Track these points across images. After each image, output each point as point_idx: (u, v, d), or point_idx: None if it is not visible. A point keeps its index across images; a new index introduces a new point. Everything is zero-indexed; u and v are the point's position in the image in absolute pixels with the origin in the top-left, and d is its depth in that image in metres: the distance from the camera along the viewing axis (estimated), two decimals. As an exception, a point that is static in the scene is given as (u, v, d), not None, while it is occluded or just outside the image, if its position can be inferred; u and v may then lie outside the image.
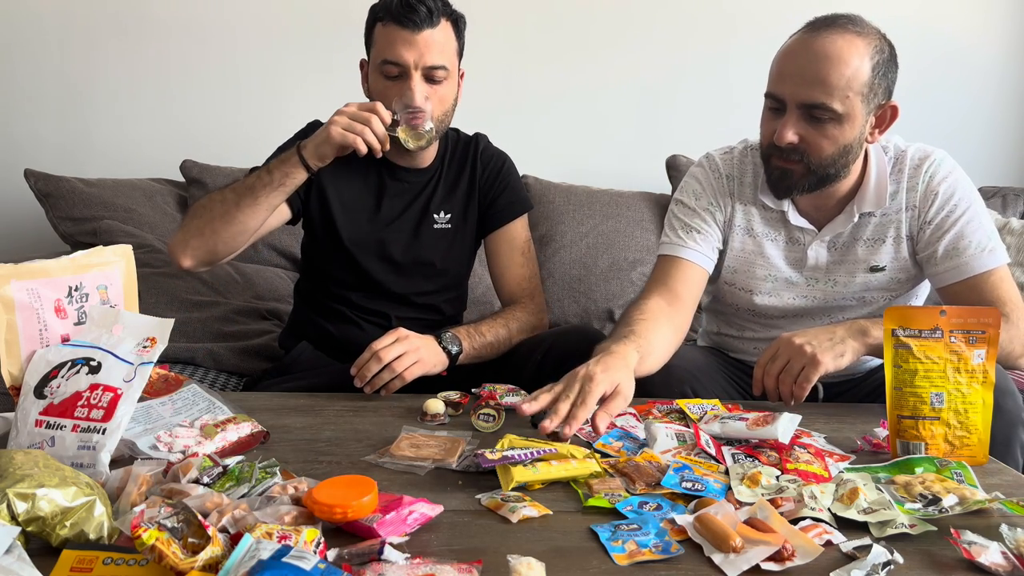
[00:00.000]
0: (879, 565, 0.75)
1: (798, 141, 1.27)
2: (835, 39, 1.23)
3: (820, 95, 1.23)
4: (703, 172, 1.47)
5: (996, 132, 2.75)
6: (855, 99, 1.25)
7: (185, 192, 2.33)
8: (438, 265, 1.59)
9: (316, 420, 1.17)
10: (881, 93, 1.30)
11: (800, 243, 1.42)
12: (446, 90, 1.46)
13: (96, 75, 2.44)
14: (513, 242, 1.61)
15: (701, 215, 1.43)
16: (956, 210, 1.33)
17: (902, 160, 1.38)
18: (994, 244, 1.32)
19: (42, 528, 0.73)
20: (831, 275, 1.41)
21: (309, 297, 1.64)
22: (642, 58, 2.58)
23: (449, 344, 1.39)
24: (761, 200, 1.41)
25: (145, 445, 0.97)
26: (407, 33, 1.39)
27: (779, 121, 1.28)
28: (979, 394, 1.04)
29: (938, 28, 2.65)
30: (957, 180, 1.35)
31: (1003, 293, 1.29)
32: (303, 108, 2.50)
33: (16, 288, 0.98)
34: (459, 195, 1.59)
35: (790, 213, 1.40)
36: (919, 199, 1.35)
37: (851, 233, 1.39)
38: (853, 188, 1.37)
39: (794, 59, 1.26)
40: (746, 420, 1.08)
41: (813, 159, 1.28)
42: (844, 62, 1.22)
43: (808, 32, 1.27)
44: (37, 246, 2.28)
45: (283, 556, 0.65)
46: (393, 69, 1.41)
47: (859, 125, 1.27)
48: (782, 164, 1.31)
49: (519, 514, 0.84)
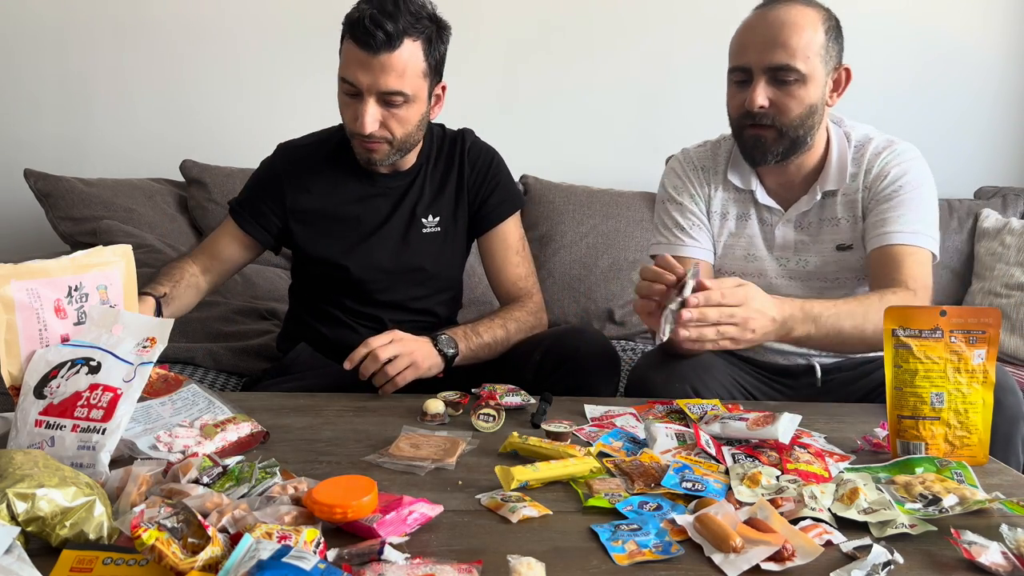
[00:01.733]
0: (879, 565, 0.75)
1: (768, 105, 1.35)
2: (789, 9, 1.35)
3: (785, 57, 1.32)
4: (678, 164, 1.56)
5: (996, 132, 2.75)
6: (815, 60, 1.34)
7: (185, 192, 2.33)
8: (429, 270, 1.57)
9: (316, 420, 1.17)
10: (835, 55, 1.39)
11: (768, 223, 1.49)
12: (407, 112, 1.39)
13: (96, 75, 2.44)
14: (506, 241, 1.59)
15: (688, 207, 1.50)
16: (900, 190, 1.39)
17: (865, 146, 1.45)
18: (922, 230, 1.37)
19: (42, 528, 0.73)
20: (800, 254, 1.47)
21: (302, 301, 1.64)
22: (642, 58, 2.58)
23: (445, 347, 1.37)
24: (731, 182, 1.49)
25: (145, 445, 0.97)
26: (364, 55, 1.33)
27: (746, 92, 1.36)
28: (979, 394, 1.04)
29: (938, 28, 2.66)
30: (912, 168, 1.41)
31: (915, 270, 1.34)
32: (303, 108, 2.51)
33: (16, 288, 0.98)
34: (447, 196, 1.57)
35: (758, 192, 1.47)
36: (872, 179, 1.42)
37: (816, 213, 1.46)
38: (817, 167, 1.45)
39: (755, 30, 1.36)
40: (746, 420, 1.08)
41: (783, 121, 1.36)
42: (801, 27, 1.33)
43: (763, 8, 1.39)
44: (37, 246, 2.28)
45: (283, 556, 0.65)
46: (349, 88, 1.37)
47: (820, 86, 1.36)
48: (755, 132, 1.38)
49: (519, 514, 0.84)
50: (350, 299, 1.56)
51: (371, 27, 1.31)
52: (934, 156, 2.68)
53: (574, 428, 1.12)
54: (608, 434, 1.10)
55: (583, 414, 1.22)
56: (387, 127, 1.40)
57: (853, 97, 2.58)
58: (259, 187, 1.56)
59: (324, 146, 1.55)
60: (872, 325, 1.24)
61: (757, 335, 1.15)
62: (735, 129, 1.43)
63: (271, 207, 1.53)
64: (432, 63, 1.40)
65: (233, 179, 2.28)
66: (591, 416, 1.21)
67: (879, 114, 2.63)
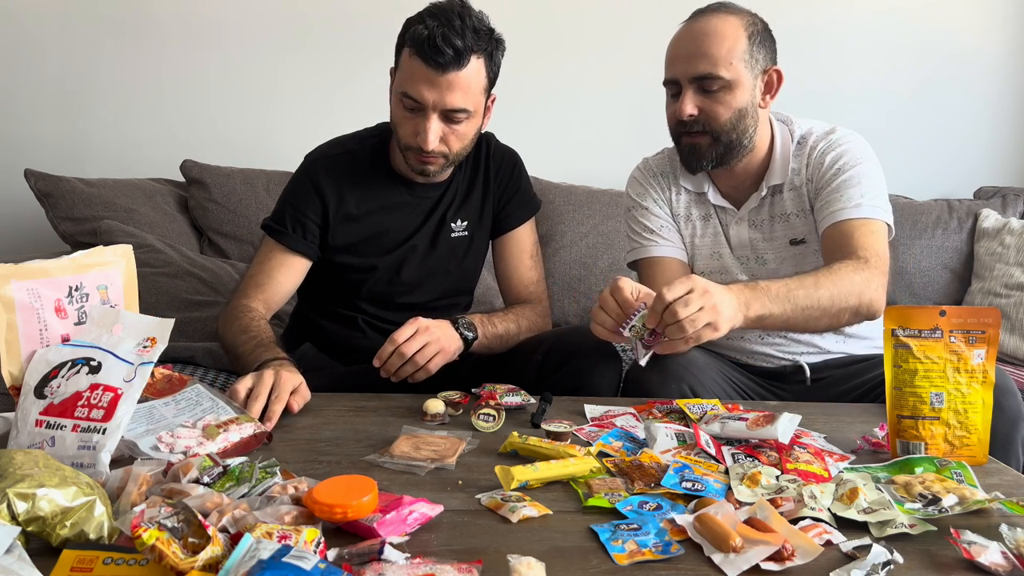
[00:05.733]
0: (879, 565, 0.75)
1: (697, 113, 1.40)
2: (710, 19, 1.40)
3: (707, 66, 1.37)
4: (639, 173, 1.61)
5: (996, 132, 2.75)
6: (739, 65, 1.38)
7: (185, 192, 2.33)
8: (453, 273, 1.58)
9: (316, 420, 1.17)
10: (762, 59, 1.41)
11: (725, 223, 1.53)
12: (466, 128, 1.40)
13: (96, 75, 2.44)
14: (521, 245, 1.60)
15: (653, 211, 1.55)
16: (840, 171, 1.42)
17: (807, 139, 1.47)
18: (866, 202, 1.38)
19: (42, 528, 0.73)
20: (758, 252, 1.50)
21: (313, 301, 1.63)
22: (643, 57, 2.57)
23: (465, 330, 1.38)
24: (683, 185, 1.54)
25: (146, 446, 0.97)
26: (431, 72, 1.32)
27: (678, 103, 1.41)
28: (979, 394, 1.04)
29: (938, 28, 2.66)
30: (847, 149, 1.43)
31: (864, 240, 1.35)
32: (302, 108, 2.52)
33: (16, 288, 0.98)
34: (474, 199, 1.57)
35: (710, 193, 1.52)
36: (813, 169, 1.45)
37: (767, 210, 1.49)
38: (763, 166, 1.49)
39: (679, 44, 1.43)
40: (746, 420, 1.08)
41: (714, 126, 1.40)
42: (723, 35, 1.38)
43: (688, 21, 1.44)
44: (37, 246, 2.28)
45: (283, 556, 0.65)
46: (411, 103, 1.36)
47: (748, 90, 1.40)
48: (690, 140, 1.44)
49: (519, 514, 0.84)
50: (367, 302, 1.56)
51: (442, 45, 1.29)
52: (934, 156, 2.73)
53: (574, 428, 1.12)
54: (608, 434, 1.10)
55: (583, 414, 1.22)
56: (446, 142, 1.39)
57: (854, 98, 2.60)
58: (299, 200, 1.49)
59: (359, 154, 1.52)
60: (826, 292, 1.25)
61: (728, 312, 1.14)
62: (674, 138, 1.49)
63: (312, 218, 1.48)
64: (491, 77, 1.42)
65: (233, 179, 2.28)
66: (591, 416, 1.21)
67: (880, 115, 2.64)
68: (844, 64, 2.56)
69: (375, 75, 2.49)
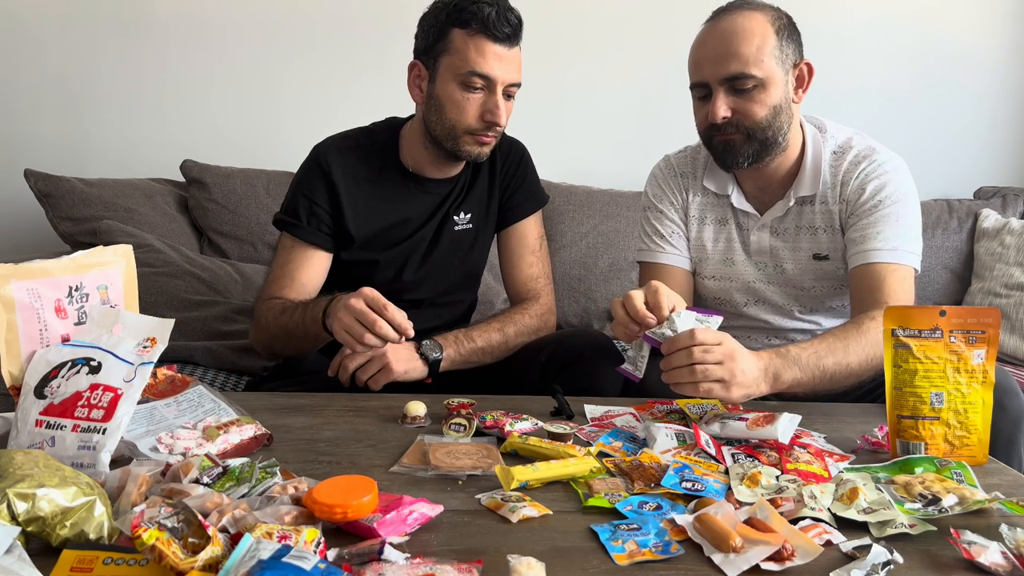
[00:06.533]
0: (879, 565, 0.75)
1: (731, 115, 1.36)
2: (735, 17, 1.36)
3: (738, 66, 1.33)
4: (659, 171, 1.58)
5: (996, 132, 2.75)
6: (770, 62, 1.34)
7: (185, 192, 2.33)
8: (457, 267, 1.56)
9: (316, 420, 1.17)
10: (792, 54, 1.38)
11: (745, 228, 1.50)
12: (511, 105, 1.43)
13: (96, 75, 2.44)
14: (525, 239, 1.58)
15: (667, 215, 1.53)
16: (880, 205, 1.38)
17: (845, 152, 1.44)
18: (902, 246, 1.35)
19: (42, 528, 0.73)
20: (777, 260, 1.48)
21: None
22: (642, 58, 2.58)
23: (428, 351, 1.36)
24: (707, 187, 1.51)
25: (146, 447, 0.97)
26: (500, 48, 1.32)
27: (709, 106, 1.37)
28: (979, 394, 1.04)
29: (938, 29, 2.66)
30: (891, 180, 1.40)
31: (894, 287, 1.33)
32: (303, 108, 2.52)
33: (16, 288, 0.98)
34: (479, 192, 1.55)
35: (734, 196, 1.49)
36: (851, 192, 1.41)
37: (793, 220, 1.46)
38: (792, 171, 1.45)
39: (705, 45, 1.38)
40: (746, 420, 1.08)
41: (749, 125, 1.36)
42: (750, 32, 1.34)
43: (710, 22, 1.39)
44: (37, 246, 2.28)
45: (283, 556, 0.65)
46: (479, 82, 1.35)
47: (781, 86, 1.36)
48: (723, 138, 1.39)
49: (519, 514, 0.84)
50: None
51: (508, 17, 1.32)
52: (934, 156, 2.73)
53: (576, 429, 1.12)
54: (608, 434, 1.10)
55: (583, 414, 1.22)
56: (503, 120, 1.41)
57: (854, 98, 2.60)
58: (310, 188, 1.47)
59: (370, 148, 1.51)
60: (856, 357, 1.21)
61: (745, 379, 1.10)
62: (704, 140, 1.45)
63: (324, 206, 1.46)
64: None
65: (233, 179, 2.28)
66: (591, 416, 1.21)
67: (879, 115, 2.64)
68: (844, 64, 2.56)
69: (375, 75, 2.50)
